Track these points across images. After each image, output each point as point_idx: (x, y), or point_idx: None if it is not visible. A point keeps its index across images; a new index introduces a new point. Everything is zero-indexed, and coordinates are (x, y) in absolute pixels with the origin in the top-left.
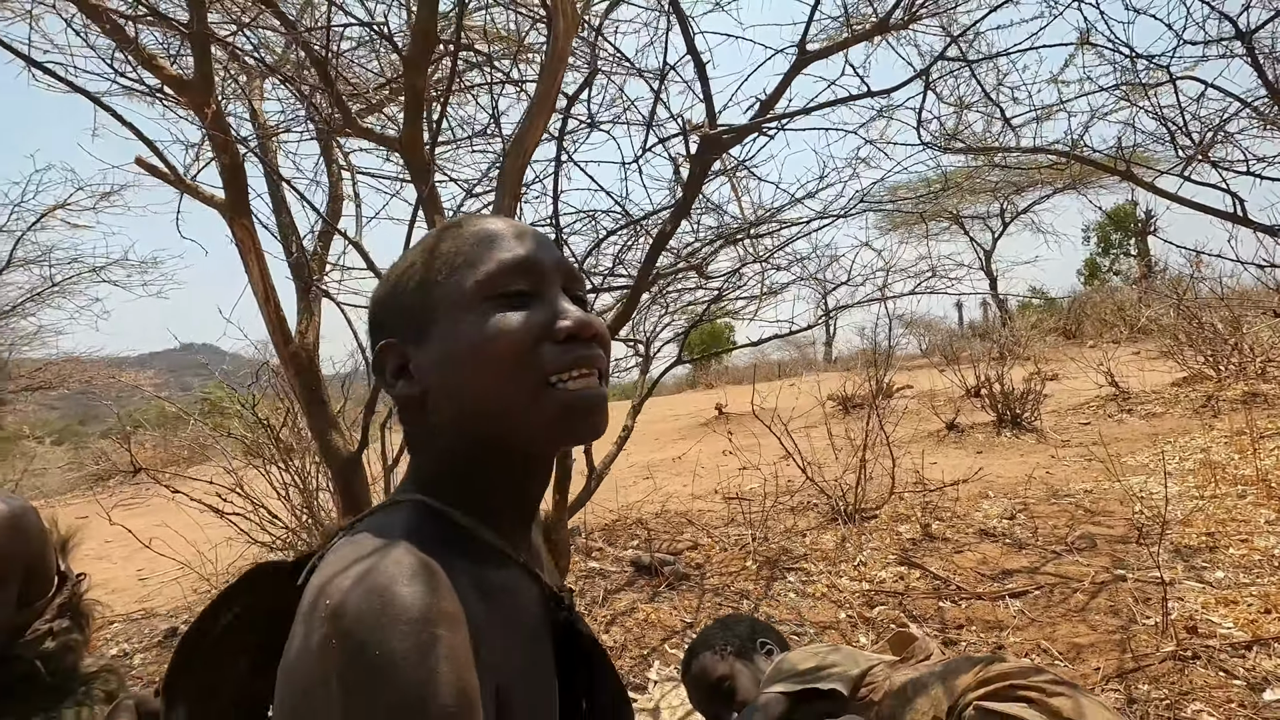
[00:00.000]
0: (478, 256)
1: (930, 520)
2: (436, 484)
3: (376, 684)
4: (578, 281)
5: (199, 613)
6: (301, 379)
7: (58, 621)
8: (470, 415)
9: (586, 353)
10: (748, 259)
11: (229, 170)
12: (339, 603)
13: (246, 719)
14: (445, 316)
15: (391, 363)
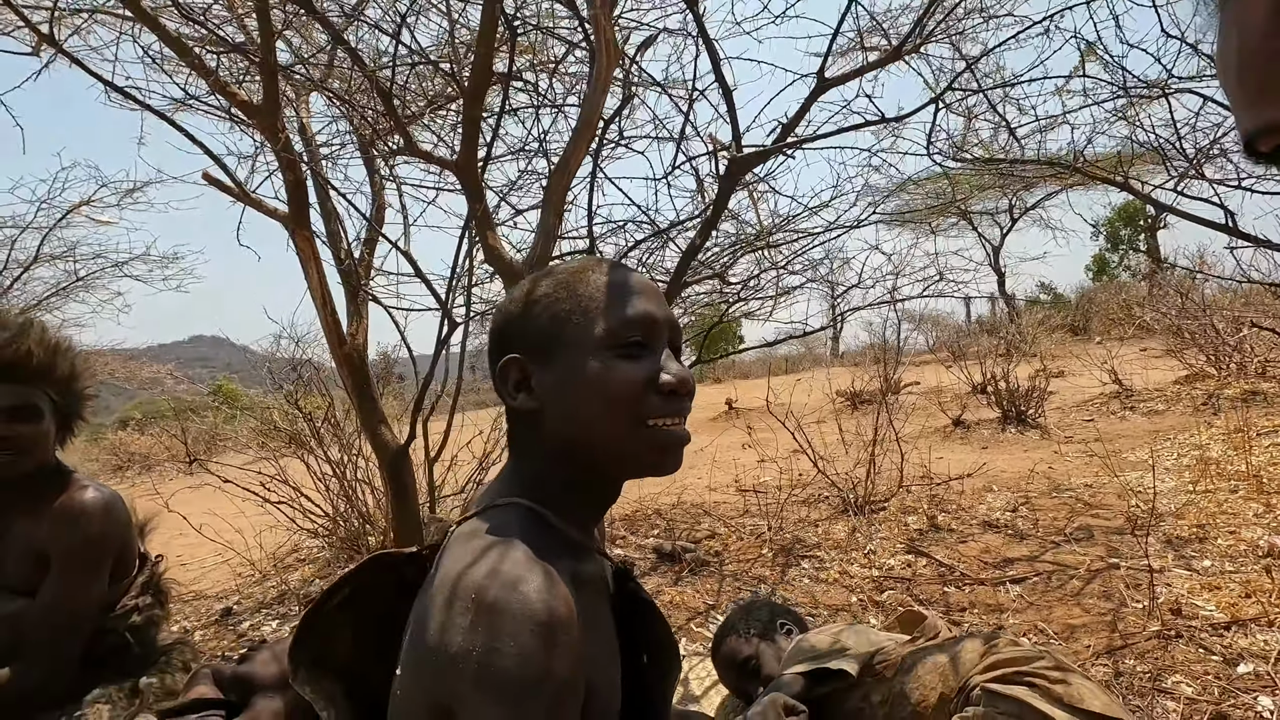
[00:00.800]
0: (608, 307)
1: (936, 512)
2: (535, 487)
3: (509, 671)
4: (679, 334)
5: (321, 591)
6: (354, 378)
7: (142, 598)
8: (579, 439)
9: (680, 405)
10: (765, 265)
11: (291, 186)
12: (480, 592)
13: (354, 679)
14: (573, 351)
15: (514, 375)
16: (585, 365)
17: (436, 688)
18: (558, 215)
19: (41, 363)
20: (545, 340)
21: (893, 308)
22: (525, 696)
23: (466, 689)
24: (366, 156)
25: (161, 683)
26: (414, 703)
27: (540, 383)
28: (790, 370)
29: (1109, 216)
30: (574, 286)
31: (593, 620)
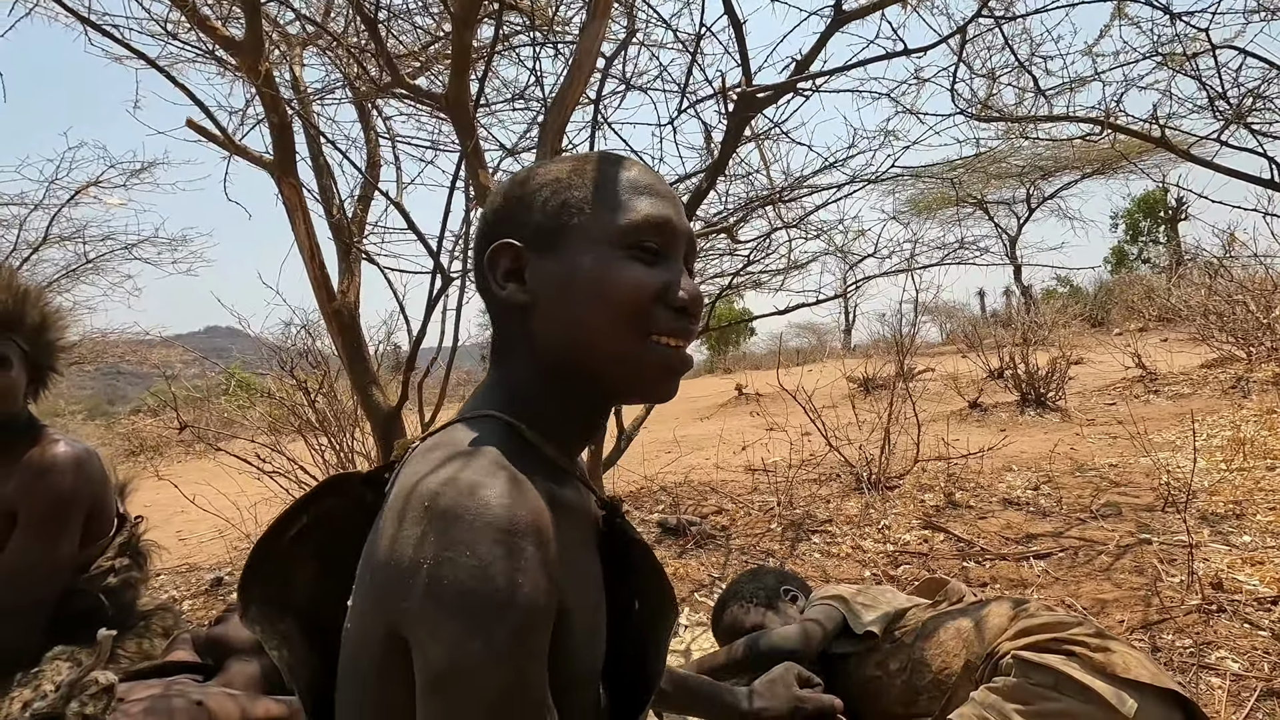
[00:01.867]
0: (628, 203)
1: (954, 490)
2: (515, 399)
3: (464, 584)
4: (695, 254)
5: (272, 520)
6: (344, 336)
7: (119, 560)
8: (575, 344)
9: (688, 325)
10: (777, 225)
11: (277, 129)
12: (433, 499)
13: (315, 619)
14: (579, 243)
15: (506, 263)
16: (591, 260)
17: (387, 609)
18: (555, 154)
19: (9, 311)
20: (547, 227)
21: (910, 278)
22: (484, 612)
23: (416, 605)
24: (357, 101)
25: (139, 647)
26: (366, 632)
27: (535, 274)
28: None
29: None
30: (590, 174)
31: (573, 552)
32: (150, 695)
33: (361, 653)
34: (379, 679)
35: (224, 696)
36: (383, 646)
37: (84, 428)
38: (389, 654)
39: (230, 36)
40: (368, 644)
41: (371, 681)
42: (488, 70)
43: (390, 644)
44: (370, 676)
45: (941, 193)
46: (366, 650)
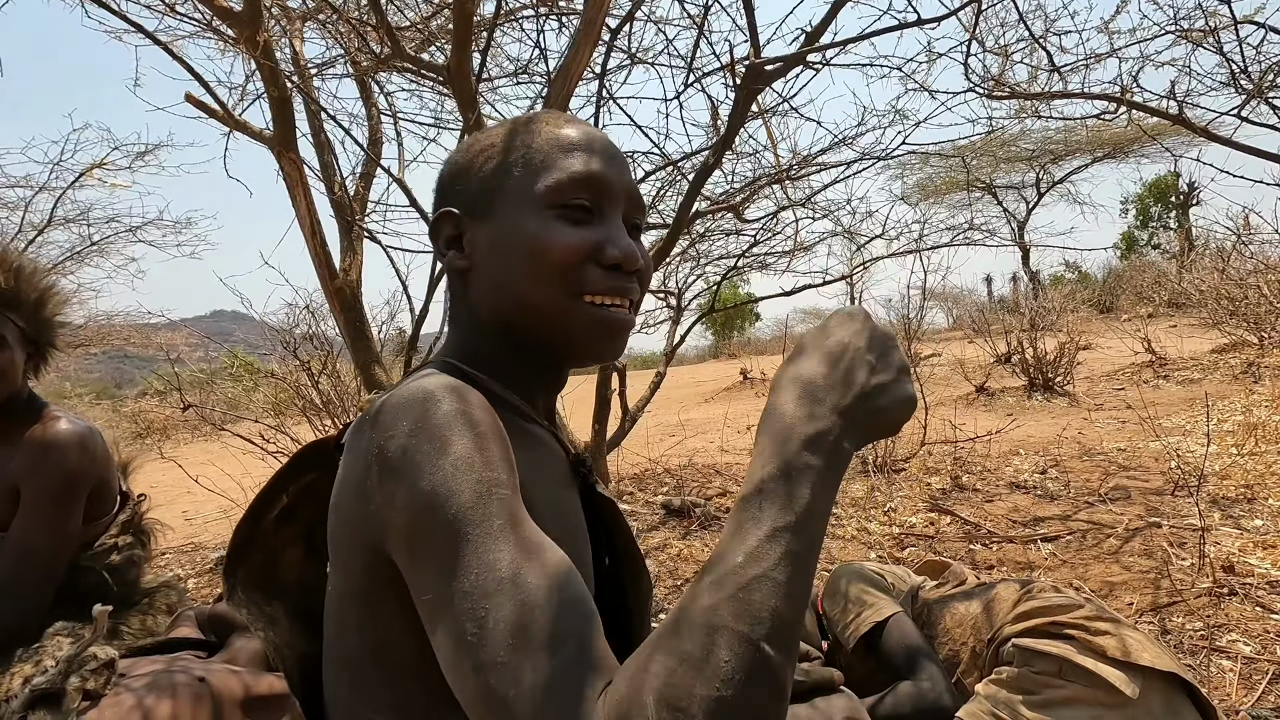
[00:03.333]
0: (553, 161)
1: (961, 473)
2: (467, 353)
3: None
4: (640, 210)
5: (251, 501)
6: (346, 315)
7: (122, 537)
8: (505, 305)
9: (624, 284)
10: (784, 203)
11: (277, 103)
12: (375, 412)
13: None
14: (509, 208)
15: (447, 230)
16: (520, 223)
17: (357, 527)
18: None
19: (4, 290)
20: (482, 193)
21: (918, 259)
22: (432, 447)
23: (376, 497)
24: (359, 77)
25: (143, 624)
26: (347, 573)
27: (472, 240)
28: None
29: (1139, 193)
30: (522, 135)
31: (547, 484)
32: (153, 671)
33: (348, 601)
34: (366, 616)
35: (227, 673)
36: (364, 574)
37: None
38: (370, 578)
39: (228, 7)
40: (354, 587)
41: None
42: (490, 41)
43: (374, 566)
44: (360, 619)
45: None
46: (356, 595)
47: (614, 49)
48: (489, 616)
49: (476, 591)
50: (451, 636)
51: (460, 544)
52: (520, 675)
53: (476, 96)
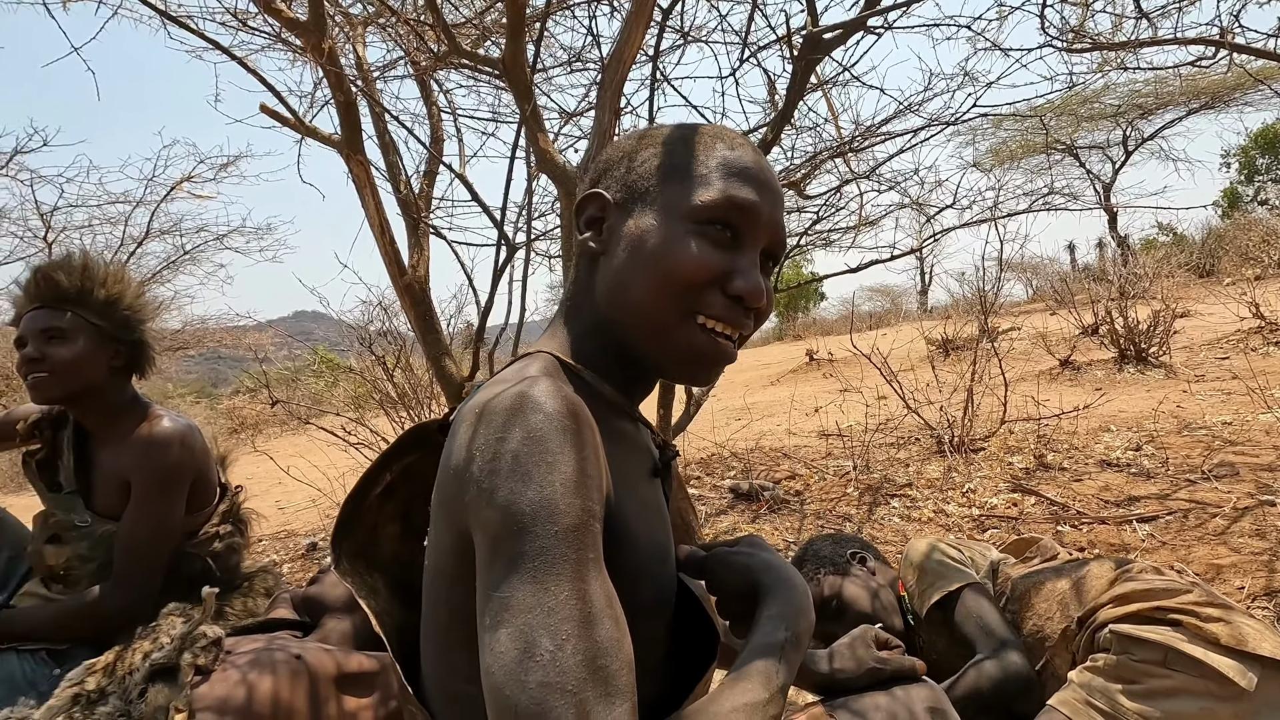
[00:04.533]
0: (713, 180)
1: (1045, 451)
2: (574, 343)
3: (512, 453)
4: (781, 246)
5: (359, 479)
6: (416, 310)
7: (222, 526)
8: (621, 306)
9: (740, 317)
10: (847, 177)
11: (344, 108)
12: (483, 407)
13: (400, 576)
14: (656, 209)
15: (591, 211)
16: (660, 227)
17: (452, 515)
18: (614, 114)
19: (70, 289)
20: (636, 186)
21: (993, 228)
22: (533, 468)
23: (473, 490)
24: (419, 77)
25: (244, 606)
26: (439, 551)
27: (612, 228)
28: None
29: (1243, 144)
30: (693, 146)
31: (633, 478)
32: (254, 649)
33: (439, 577)
34: (454, 601)
35: (320, 651)
36: (455, 555)
37: (192, 409)
38: (461, 567)
39: (295, 17)
40: (443, 564)
41: (447, 609)
42: (543, 31)
43: (461, 548)
44: (446, 603)
45: (1027, 139)
46: (444, 572)
47: (666, 29)
48: (568, 644)
49: (560, 613)
50: (520, 643)
51: (556, 562)
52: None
53: (532, 88)
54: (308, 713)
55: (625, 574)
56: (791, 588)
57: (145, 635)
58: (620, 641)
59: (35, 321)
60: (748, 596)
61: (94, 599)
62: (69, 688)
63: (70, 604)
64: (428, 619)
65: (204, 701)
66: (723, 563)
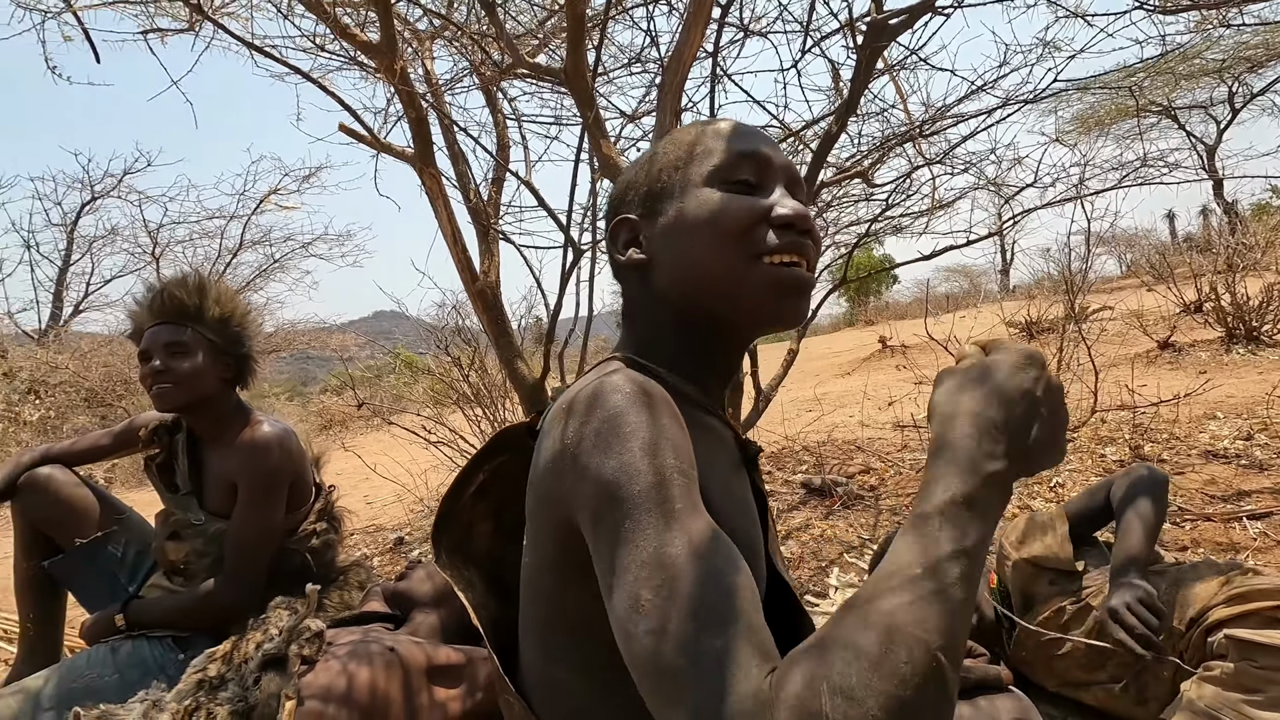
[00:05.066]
0: (715, 147)
1: (1141, 442)
2: (646, 347)
3: (601, 432)
4: (797, 184)
5: (455, 477)
6: (489, 314)
7: (319, 524)
8: (688, 282)
9: (800, 240)
10: (917, 163)
11: (415, 124)
12: (571, 402)
13: (494, 572)
14: (680, 196)
15: (624, 235)
16: (691, 205)
17: (551, 506)
18: (675, 115)
19: (188, 306)
20: (652, 193)
21: (1080, 206)
22: (625, 438)
23: (569, 475)
24: (484, 87)
25: (340, 599)
26: (539, 543)
27: (648, 235)
28: (953, 308)
29: None
30: (683, 137)
31: (722, 471)
32: (351, 641)
33: (538, 570)
34: (552, 592)
35: (411, 644)
36: (557, 547)
37: (286, 407)
38: (561, 556)
39: (368, 40)
40: (544, 559)
41: (545, 600)
42: (603, 37)
43: (562, 539)
44: (544, 595)
45: (1117, 104)
46: (544, 563)
47: (725, 25)
48: (666, 587)
49: (655, 563)
50: (628, 600)
51: (643, 518)
52: (693, 646)
53: (593, 95)
54: (402, 702)
55: None
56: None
57: (256, 626)
58: (721, 570)
59: (159, 336)
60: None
61: (210, 592)
62: (194, 674)
63: (190, 597)
64: (526, 611)
65: (310, 690)
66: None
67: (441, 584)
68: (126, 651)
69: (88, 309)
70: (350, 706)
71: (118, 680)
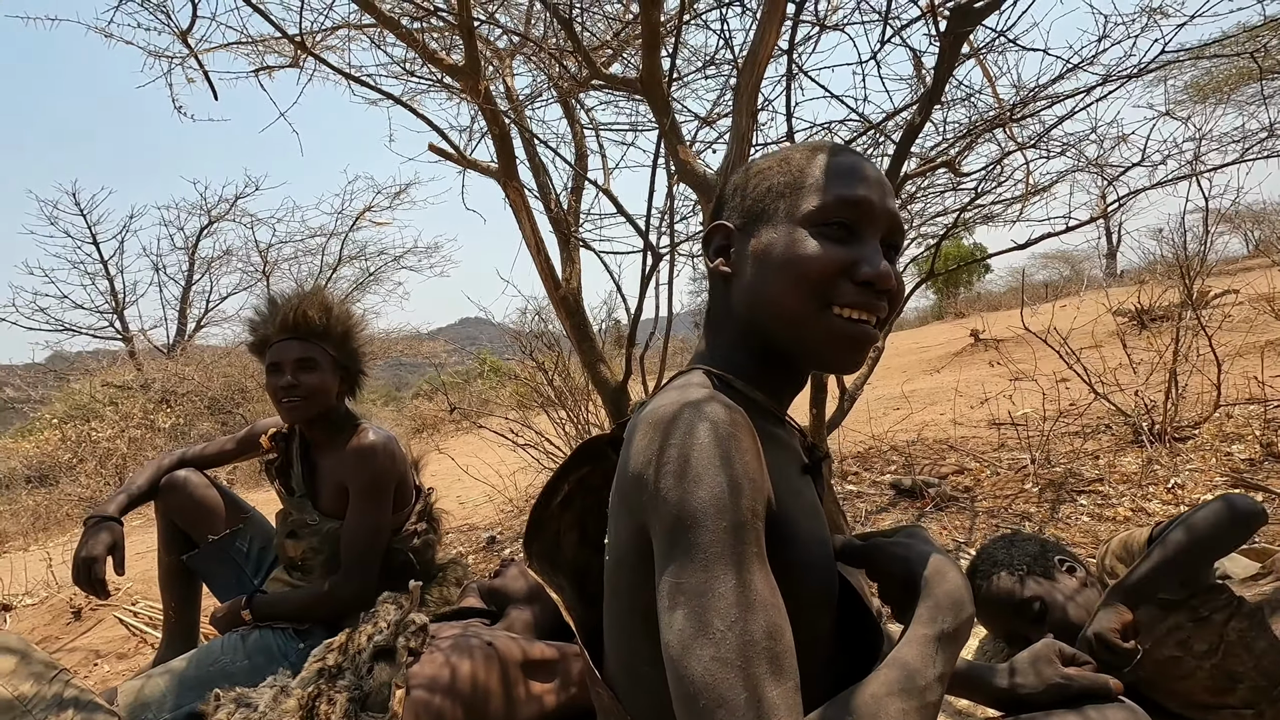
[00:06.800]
0: (822, 185)
1: (1276, 438)
2: (723, 355)
3: (685, 458)
4: (899, 232)
5: (541, 489)
6: (571, 320)
7: (419, 524)
8: (759, 308)
9: (874, 300)
10: (1009, 148)
11: (499, 140)
12: (656, 416)
13: (579, 578)
14: (775, 224)
15: (717, 241)
16: (782, 238)
17: (631, 511)
18: (751, 116)
19: (317, 324)
20: (754, 210)
21: (1196, 184)
22: (705, 471)
23: (651, 489)
24: (563, 102)
25: (440, 594)
26: (620, 545)
27: (739, 251)
28: (1052, 297)
29: None
30: (795, 162)
31: (789, 478)
32: (452, 635)
33: (619, 577)
34: (634, 590)
35: (507, 639)
36: (634, 549)
37: (382, 412)
38: (640, 560)
39: (454, 64)
40: (623, 557)
41: (629, 598)
42: (677, 44)
43: (638, 548)
44: (627, 593)
45: (1239, 69)
46: (624, 565)
47: (800, 22)
48: (740, 623)
49: (731, 597)
50: (695, 621)
51: (726, 553)
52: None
53: (669, 102)
54: (500, 694)
55: (792, 568)
56: (949, 580)
57: (367, 620)
58: (782, 628)
59: (290, 351)
60: (907, 586)
61: (328, 589)
62: (314, 663)
63: (310, 594)
64: (610, 609)
65: (417, 679)
66: (881, 552)
67: (534, 582)
68: (254, 640)
69: (208, 324)
70: (453, 697)
71: (247, 665)
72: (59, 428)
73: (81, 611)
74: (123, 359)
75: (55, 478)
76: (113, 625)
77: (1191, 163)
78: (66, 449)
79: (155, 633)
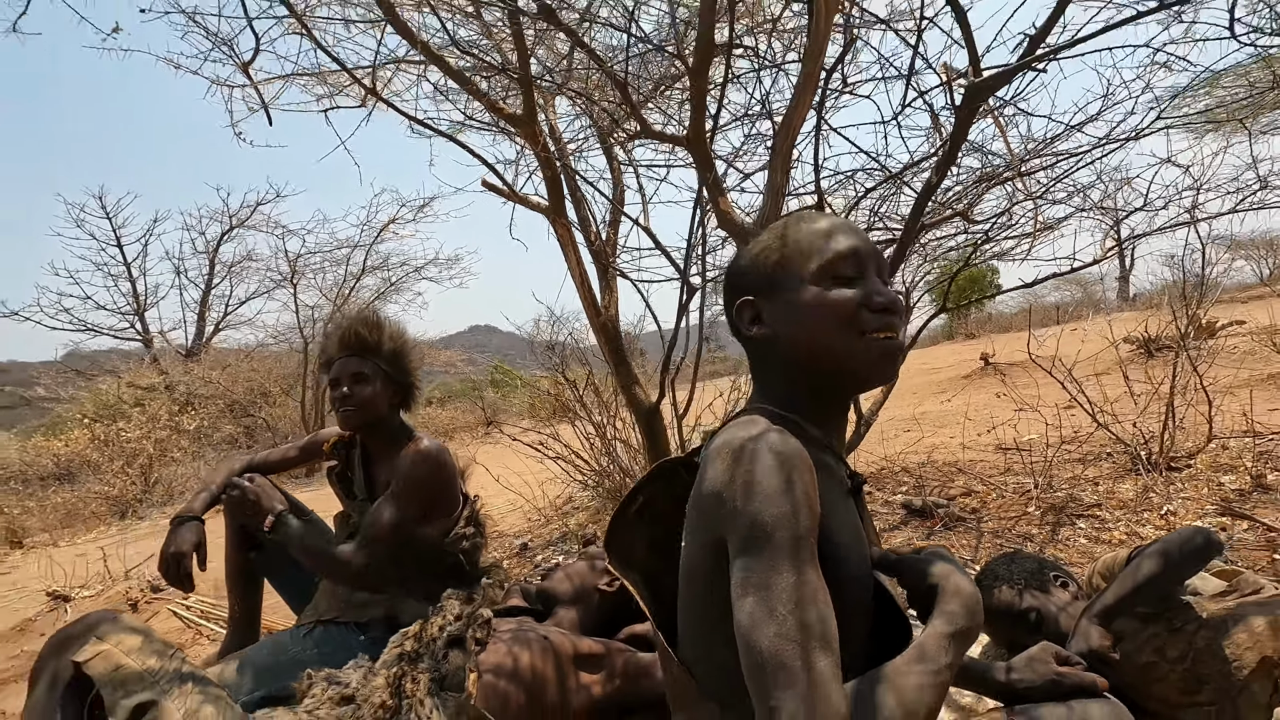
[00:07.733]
0: (821, 247)
1: (1266, 471)
2: (777, 398)
3: (758, 483)
4: (883, 260)
5: (621, 501)
6: (610, 345)
7: (467, 529)
8: (808, 353)
9: (892, 320)
10: (1017, 198)
11: (550, 182)
12: (731, 447)
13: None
14: (794, 285)
15: (749, 313)
16: (806, 295)
17: (708, 525)
18: (784, 173)
19: (369, 341)
20: (768, 281)
21: (1193, 229)
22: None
23: (728, 506)
24: (605, 145)
25: (484, 594)
26: (695, 553)
27: (770, 315)
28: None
29: None
30: (791, 236)
31: (835, 500)
32: (510, 629)
33: (695, 575)
34: (710, 587)
35: (560, 634)
36: (710, 556)
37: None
38: (716, 562)
39: (513, 113)
40: (698, 563)
41: (704, 592)
42: (720, 107)
43: (714, 552)
44: (703, 588)
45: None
46: (699, 569)
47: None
48: (798, 610)
49: (791, 590)
50: (763, 606)
51: (784, 559)
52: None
53: (713, 159)
54: (555, 682)
55: (838, 582)
56: (964, 591)
57: (437, 613)
58: (828, 616)
59: (347, 367)
60: (930, 594)
61: (341, 553)
62: (394, 648)
63: (327, 548)
64: (685, 605)
65: (485, 665)
66: (911, 566)
67: (579, 585)
68: (320, 632)
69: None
70: (516, 683)
71: (316, 654)
72: (89, 427)
73: (138, 604)
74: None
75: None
76: (167, 618)
77: (1190, 211)
78: (96, 448)
79: (210, 625)
